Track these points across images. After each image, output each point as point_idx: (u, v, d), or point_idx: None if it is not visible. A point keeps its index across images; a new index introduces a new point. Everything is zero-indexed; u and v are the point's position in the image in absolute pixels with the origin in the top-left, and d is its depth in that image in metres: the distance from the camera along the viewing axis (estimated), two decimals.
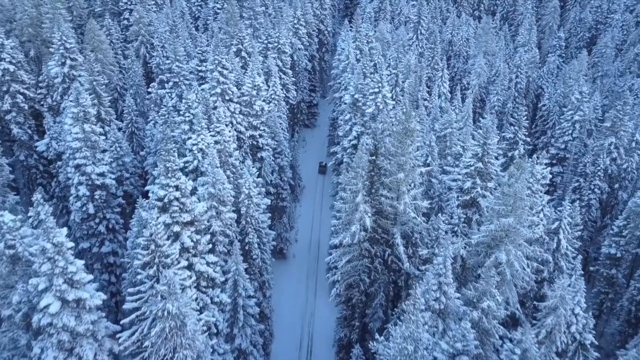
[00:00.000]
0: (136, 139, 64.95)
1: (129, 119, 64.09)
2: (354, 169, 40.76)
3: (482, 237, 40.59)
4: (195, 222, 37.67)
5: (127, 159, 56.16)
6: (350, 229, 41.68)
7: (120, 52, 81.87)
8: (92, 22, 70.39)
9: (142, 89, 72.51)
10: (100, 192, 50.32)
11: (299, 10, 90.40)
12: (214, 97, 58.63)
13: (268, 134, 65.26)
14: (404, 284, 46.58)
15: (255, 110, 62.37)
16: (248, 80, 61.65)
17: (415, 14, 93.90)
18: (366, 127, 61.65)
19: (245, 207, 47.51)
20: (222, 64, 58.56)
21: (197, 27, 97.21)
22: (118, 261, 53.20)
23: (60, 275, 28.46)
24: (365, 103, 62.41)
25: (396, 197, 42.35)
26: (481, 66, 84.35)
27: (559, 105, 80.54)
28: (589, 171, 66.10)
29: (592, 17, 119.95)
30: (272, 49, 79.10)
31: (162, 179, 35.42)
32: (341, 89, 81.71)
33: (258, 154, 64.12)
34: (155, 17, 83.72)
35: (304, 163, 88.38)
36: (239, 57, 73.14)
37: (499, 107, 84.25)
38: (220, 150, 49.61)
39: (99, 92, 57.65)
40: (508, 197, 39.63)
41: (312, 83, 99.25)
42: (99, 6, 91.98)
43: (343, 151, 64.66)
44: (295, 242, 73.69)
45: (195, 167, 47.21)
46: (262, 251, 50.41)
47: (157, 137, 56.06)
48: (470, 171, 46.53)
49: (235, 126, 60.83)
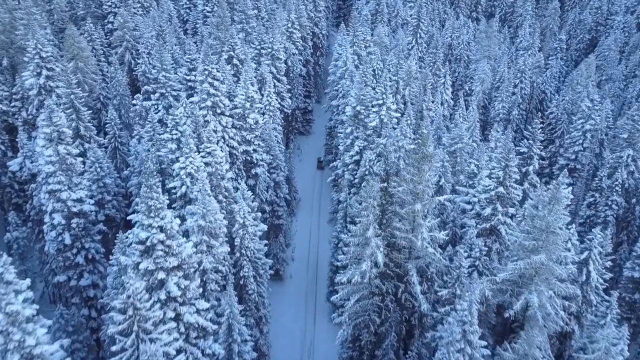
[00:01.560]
0: (120, 155, 59.04)
1: (112, 133, 58.18)
2: (365, 199, 35.23)
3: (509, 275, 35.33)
4: (184, 265, 32.02)
5: (109, 180, 50.31)
6: (361, 267, 36.19)
7: (104, 59, 75.71)
8: (71, 27, 64.27)
9: (126, 99, 66.48)
10: (78, 220, 44.52)
11: (293, 14, 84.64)
12: (204, 110, 52.92)
13: (262, 149, 59.63)
14: (417, 322, 41.20)
15: (249, 124, 56.72)
16: (241, 92, 55.96)
17: (414, 16, 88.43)
18: (369, 141, 56.16)
19: (240, 238, 41.90)
20: (213, 75, 52.81)
21: (186, 30, 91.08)
22: (99, 294, 47.43)
23: (15, 350, 22.76)
24: (368, 115, 56.88)
25: (411, 229, 36.93)
26: (485, 72, 79.08)
27: (567, 112, 75.44)
28: (604, 185, 61.09)
29: (592, 18, 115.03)
30: (266, 55, 73.32)
31: (144, 218, 29.73)
32: (339, 97, 76.20)
33: (252, 170, 58.50)
34: (141, 21, 77.62)
35: (300, 173, 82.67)
36: (230, 65, 67.28)
37: (504, 114, 79.06)
38: (211, 173, 43.92)
39: (78, 107, 51.68)
40: (539, 231, 34.37)
41: (306, 89, 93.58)
42: (81, 9, 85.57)
43: (344, 166, 59.11)
44: (292, 261, 68.08)
45: (183, 193, 41.52)
46: (258, 284, 44.86)
47: (142, 155, 50.27)
48: (490, 196, 41.18)
49: (228, 141, 55.16)
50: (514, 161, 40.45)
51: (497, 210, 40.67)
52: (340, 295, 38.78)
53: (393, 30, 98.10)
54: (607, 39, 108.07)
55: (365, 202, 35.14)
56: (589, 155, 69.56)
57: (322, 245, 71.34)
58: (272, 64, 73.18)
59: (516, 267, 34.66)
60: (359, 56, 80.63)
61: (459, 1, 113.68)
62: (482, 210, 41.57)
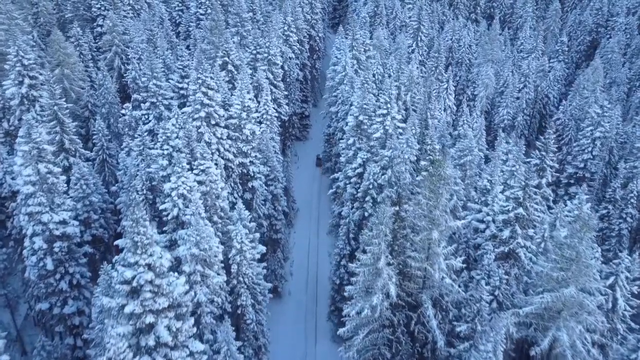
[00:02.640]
0: (108, 167, 55.00)
1: (100, 145, 54.13)
2: (377, 226, 31.47)
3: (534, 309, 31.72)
4: (176, 305, 28.17)
5: (95, 198, 46.29)
6: (371, 299, 32.47)
7: (93, 65, 71.52)
8: (56, 32, 60.04)
9: (115, 107, 62.42)
10: (61, 244, 40.52)
11: (290, 16, 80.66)
12: (198, 121, 48.99)
13: (260, 160, 55.77)
14: (431, 354, 37.53)
15: (245, 135, 52.83)
16: (237, 101, 52.06)
17: (414, 19, 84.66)
18: (373, 153, 52.42)
19: (237, 264, 38.08)
20: (207, 84, 48.86)
21: (178, 33, 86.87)
22: (85, 321, 43.50)
23: None
24: (371, 126, 53.12)
25: (425, 258, 33.24)
26: (489, 76, 75.47)
27: (574, 119, 72.00)
28: (618, 197, 57.73)
29: (593, 19, 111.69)
30: (262, 60, 69.40)
31: (130, 256, 25.86)
32: (338, 103, 72.43)
33: (249, 183, 54.61)
34: (131, 25, 73.42)
35: (297, 180, 78.69)
36: (225, 71, 63.38)
37: (509, 120, 75.53)
38: (205, 193, 40.03)
39: (62, 118, 47.63)
40: (568, 261, 30.76)
41: (303, 93, 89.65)
42: (69, 12, 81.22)
43: (346, 179, 55.38)
44: (291, 276, 64.22)
45: (175, 216, 37.60)
46: (257, 311, 41.07)
47: (131, 170, 46.31)
48: (509, 218, 37.55)
49: (223, 154, 51.29)
50: (534, 180, 36.80)
51: (517, 233, 37.08)
52: (347, 328, 35.05)
53: (391, 32, 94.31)
54: (608, 40, 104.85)
55: (377, 228, 31.41)
56: (599, 163, 66.12)
57: (321, 257, 67.68)
58: (268, 69, 69.31)
59: (543, 300, 31.09)
60: (358, 60, 76.90)
61: (458, 3, 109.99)
62: (500, 233, 37.98)
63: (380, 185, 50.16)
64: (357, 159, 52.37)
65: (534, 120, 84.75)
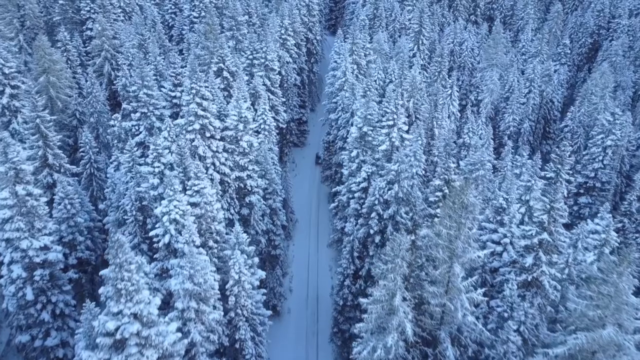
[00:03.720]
0: (96, 182, 51.21)
1: (87, 158, 50.33)
2: (391, 259, 27.79)
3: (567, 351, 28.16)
4: (167, 356, 24.43)
5: (81, 219, 42.47)
6: (385, 340, 28.80)
7: (82, 71, 67.51)
8: (41, 38, 55.98)
9: (105, 116, 58.59)
10: (42, 272, 36.69)
11: (287, 19, 76.75)
12: (192, 134, 45.13)
13: (257, 173, 52.00)
14: None
15: (243, 147, 49.03)
16: (233, 112, 48.23)
17: (415, 21, 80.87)
18: (378, 166, 48.74)
19: (235, 296, 34.34)
20: (201, 94, 44.99)
21: (171, 37, 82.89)
22: (69, 353, 39.72)
23: None
24: (376, 138, 49.44)
25: (444, 292, 29.63)
26: (494, 82, 71.88)
27: (583, 125, 68.56)
28: (634, 209, 54.39)
29: (594, 21, 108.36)
30: (259, 66, 65.52)
31: (113, 305, 22.11)
32: (338, 109, 68.67)
33: (246, 198, 50.80)
34: (122, 29, 69.32)
35: (296, 189, 74.71)
36: (220, 78, 59.55)
37: (515, 127, 72.04)
38: (200, 216, 36.24)
39: (45, 132, 43.74)
40: (606, 298, 27.20)
41: (301, 98, 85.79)
42: (57, 14, 77.03)
43: (349, 193, 51.76)
44: (290, 293, 60.52)
45: (167, 243, 33.80)
46: (256, 344, 37.35)
47: (120, 189, 42.46)
48: (532, 243, 33.97)
49: (218, 168, 47.48)
50: (561, 201, 33.24)
51: (541, 260, 33.50)
52: None
53: (390, 35, 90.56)
54: (611, 43, 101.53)
55: (392, 262, 27.73)
56: (610, 173, 62.74)
57: (322, 272, 64.16)
58: (265, 75, 65.47)
59: (577, 342, 27.51)
60: (358, 65, 73.19)
61: (458, 4, 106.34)
62: (521, 259, 34.39)
63: (386, 200, 46.53)
64: (362, 173, 48.67)
65: (538, 125, 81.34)
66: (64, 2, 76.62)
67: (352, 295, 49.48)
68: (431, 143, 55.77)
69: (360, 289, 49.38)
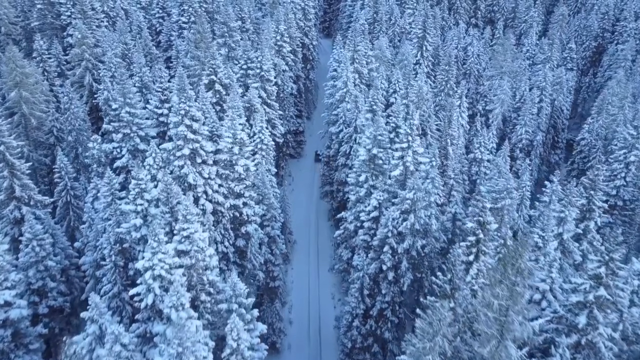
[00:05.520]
0: (74, 211, 44.87)
1: (63, 185, 44.00)
2: (430, 337, 21.86)
3: None
4: None
5: (52, 261, 36.14)
6: None
7: (62, 81, 60.89)
8: (11, 49, 49.35)
9: (85, 134, 52.22)
10: (3, 332, 30.44)
11: (282, 24, 70.50)
12: (181, 160, 38.96)
13: (255, 199, 45.95)
14: None
15: (239, 173, 42.94)
16: (227, 133, 42.07)
17: (419, 26, 74.91)
18: (391, 193, 42.83)
19: None
20: (191, 114, 38.78)
21: (159, 43, 76.33)
22: None
23: None
24: (388, 161, 43.52)
25: None
26: (505, 91, 66.11)
27: (600, 138, 62.98)
28: None
29: (598, 24, 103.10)
30: (254, 77, 59.31)
31: None
32: (339, 122, 62.56)
33: (242, 227, 44.75)
34: (104, 36, 62.71)
35: (293, 205, 68.22)
36: (212, 91, 53.37)
37: (527, 140, 66.35)
38: (190, 267, 30.11)
39: (11, 161, 37.38)
40: None
41: (297, 107, 79.71)
42: (35, 20, 70.22)
43: (356, 221, 45.86)
44: (290, 325, 54.40)
45: (150, 304, 27.66)
46: None
47: (98, 227, 36.22)
48: (586, 300, 28.18)
49: (211, 196, 41.36)
50: (619, 251, 27.45)
51: (597, 320, 27.69)
52: None
53: (390, 40, 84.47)
54: (616, 46, 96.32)
55: (431, 340, 21.80)
56: (634, 190, 57.26)
57: (323, 300, 58.12)
58: (261, 86, 59.26)
59: None
60: (360, 74, 67.23)
61: (458, 7, 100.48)
62: (572, 317, 28.60)
63: (400, 232, 40.71)
64: (372, 200, 42.76)
65: (548, 136, 75.85)
66: (43, 7, 69.85)
67: (361, 337, 43.68)
68: (444, 163, 49.93)
69: (371, 330, 43.64)
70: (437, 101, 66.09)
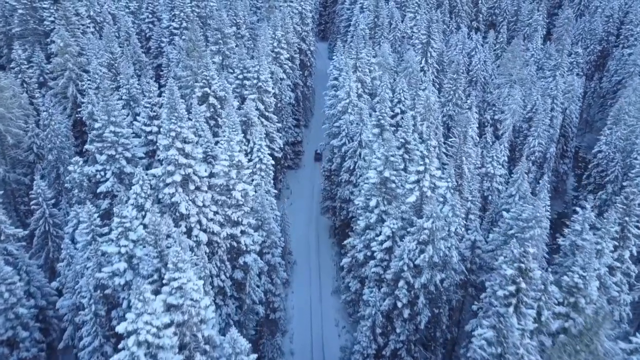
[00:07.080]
0: (53, 242, 39.94)
1: (41, 212, 39.08)
2: None
3: None
4: None
5: (24, 309, 31.23)
6: None
7: (43, 93, 55.80)
8: None
9: (67, 152, 47.29)
10: None
11: (280, 30, 65.63)
12: (171, 187, 34.15)
13: (253, 226, 41.21)
14: None
15: (236, 199, 38.13)
16: (224, 155, 37.27)
17: (423, 31, 70.30)
18: (405, 220, 38.19)
19: None
20: (183, 136, 33.97)
21: (149, 49, 71.23)
22: None
23: None
24: (402, 185, 38.87)
25: None
26: (516, 101, 61.65)
27: (619, 151, 58.70)
28: None
29: (603, 27, 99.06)
30: (251, 87, 54.50)
31: None
32: (341, 136, 57.81)
33: (240, 258, 39.94)
34: (89, 44, 57.56)
35: (292, 221, 62.96)
36: (206, 105, 48.55)
37: (540, 152, 61.95)
38: (182, 324, 25.31)
39: None
40: None
41: (295, 117, 74.95)
42: (16, 26, 64.93)
43: (366, 249, 41.20)
44: (292, 357, 49.71)
45: None
46: None
47: (76, 267, 31.35)
48: None
49: (206, 226, 36.57)
50: None
51: None
52: None
53: (391, 45, 79.81)
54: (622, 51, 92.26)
55: None
56: None
57: (327, 327, 53.48)
58: (258, 98, 54.46)
59: None
60: (363, 83, 62.52)
61: (460, 10, 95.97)
62: None
63: (417, 265, 36.14)
64: (385, 229, 38.07)
65: (558, 145, 71.58)
66: (25, 12, 64.58)
67: None
68: (459, 182, 45.40)
69: None
70: (445, 111, 61.57)
